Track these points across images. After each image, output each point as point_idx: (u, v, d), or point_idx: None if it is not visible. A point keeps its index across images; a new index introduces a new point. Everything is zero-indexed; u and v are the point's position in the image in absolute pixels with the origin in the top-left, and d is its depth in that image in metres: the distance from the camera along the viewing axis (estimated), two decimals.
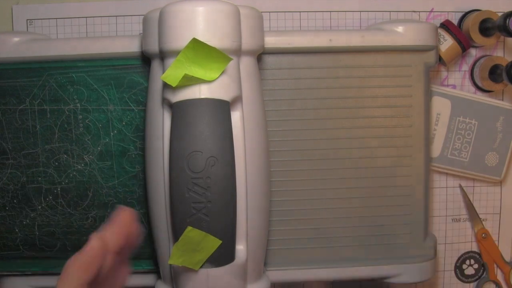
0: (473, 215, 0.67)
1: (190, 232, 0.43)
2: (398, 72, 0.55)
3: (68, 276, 0.36)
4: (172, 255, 0.44)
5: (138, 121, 0.54)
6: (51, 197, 0.54)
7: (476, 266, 0.68)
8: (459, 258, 0.68)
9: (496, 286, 0.68)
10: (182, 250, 0.44)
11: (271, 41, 0.53)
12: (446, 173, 0.66)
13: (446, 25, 0.63)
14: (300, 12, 0.63)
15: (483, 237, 0.67)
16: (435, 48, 0.56)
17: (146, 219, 0.54)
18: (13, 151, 0.54)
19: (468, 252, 0.68)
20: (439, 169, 0.65)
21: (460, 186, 0.67)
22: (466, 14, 0.64)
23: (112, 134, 0.54)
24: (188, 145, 0.44)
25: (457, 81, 0.65)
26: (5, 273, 0.55)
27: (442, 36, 0.62)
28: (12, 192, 0.54)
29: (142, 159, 0.53)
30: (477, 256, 0.68)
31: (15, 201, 0.54)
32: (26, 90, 0.54)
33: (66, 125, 0.54)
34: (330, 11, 0.63)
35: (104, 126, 0.54)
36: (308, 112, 0.55)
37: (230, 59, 0.44)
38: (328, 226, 0.56)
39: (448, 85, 0.65)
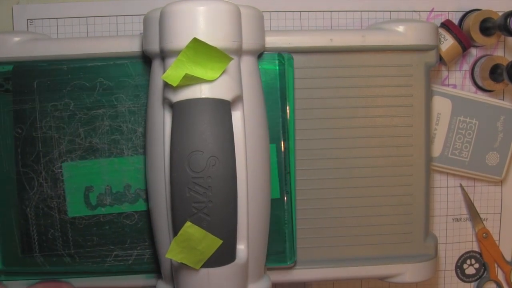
0: (473, 215, 0.67)
1: (189, 228, 0.43)
2: (398, 72, 0.55)
3: None
4: (171, 249, 0.44)
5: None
6: None
7: (476, 265, 0.68)
8: (459, 258, 0.68)
9: (497, 285, 0.68)
10: (182, 247, 0.44)
11: (271, 40, 0.53)
12: (447, 173, 0.66)
13: (446, 25, 0.63)
14: (300, 11, 0.63)
15: (483, 236, 0.67)
16: (436, 47, 0.56)
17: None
18: None
19: (468, 252, 0.68)
20: (440, 169, 0.65)
21: (461, 186, 0.67)
22: (466, 13, 0.64)
23: None
24: (189, 145, 0.44)
25: (458, 81, 0.66)
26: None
27: (442, 36, 0.62)
28: None
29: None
30: (478, 256, 0.68)
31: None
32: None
33: None
34: (331, 11, 0.63)
35: None
36: (308, 111, 0.55)
37: (230, 59, 0.44)
38: (328, 226, 0.56)
39: (448, 85, 0.66)
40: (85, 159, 0.53)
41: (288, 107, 0.53)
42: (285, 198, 0.54)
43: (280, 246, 0.54)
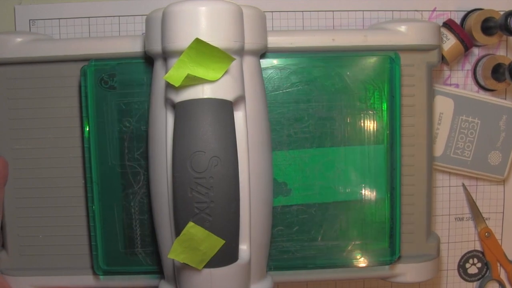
0: (476, 214, 0.67)
1: (192, 228, 0.43)
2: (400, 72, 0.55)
3: None
4: (173, 249, 0.44)
5: None
6: None
7: (479, 265, 0.68)
8: (462, 257, 0.68)
9: (499, 285, 0.68)
10: (184, 246, 0.44)
11: (273, 40, 0.53)
12: (449, 172, 0.66)
13: (448, 24, 0.63)
14: (302, 11, 0.63)
15: (486, 236, 0.67)
16: (438, 47, 0.56)
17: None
18: None
19: (471, 251, 0.68)
20: (442, 168, 0.65)
21: (463, 185, 0.67)
22: (468, 13, 0.64)
23: None
24: (191, 145, 0.44)
25: (460, 80, 0.65)
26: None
27: (444, 35, 0.62)
28: None
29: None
30: (480, 255, 0.68)
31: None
32: None
33: None
34: (333, 11, 0.63)
35: None
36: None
37: (233, 59, 0.44)
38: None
39: (450, 84, 0.65)
40: None
41: (395, 105, 0.54)
42: (391, 194, 0.54)
43: (384, 243, 0.55)
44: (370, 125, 0.54)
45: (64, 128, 0.55)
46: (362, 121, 0.54)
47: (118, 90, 0.53)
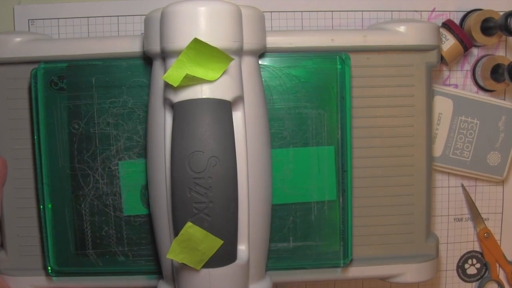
0: (475, 215, 0.67)
1: (190, 228, 0.43)
2: (400, 72, 0.55)
3: None
4: (171, 249, 0.44)
5: None
6: None
7: (478, 265, 0.68)
8: (461, 258, 0.68)
9: (498, 285, 0.68)
10: (182, 247, 0.44)
11: (272, 40, 0.53)
12: (448, 173, 0.66)
13: (448, 25, 0.63)
14: (301, 12, 0.63)
15: (485, 236, 0.67)
16: (437, 47, 0.56)
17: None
18: None
19: (470, 252, 0.68)
20: (441, 169, 0.65)
21: (462, 186, 0.67)
22: (467, 13, 0.64)
23: None
24: (190, 145, 0.44)
25: (459, 81, 0.65)
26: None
27: (444, 36, 0.62)
28: None
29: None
30: (479, 256, 0.68)
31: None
32: None
33: None
34: (332, 11, 0.63)
35: None
36: None
37: (231, 59, 0.44)
38: None
39: (450, 85, 0.65)
40: (143, 157, 0.53)
41: (346, 107, 0.53)
42: (341, 197, 0.54)
43: (335, 246, 0.55)
44: (320, 126, 0.54)
45: None
46: (311, 122, 0.54)
47: (67, 92, 0.53)
